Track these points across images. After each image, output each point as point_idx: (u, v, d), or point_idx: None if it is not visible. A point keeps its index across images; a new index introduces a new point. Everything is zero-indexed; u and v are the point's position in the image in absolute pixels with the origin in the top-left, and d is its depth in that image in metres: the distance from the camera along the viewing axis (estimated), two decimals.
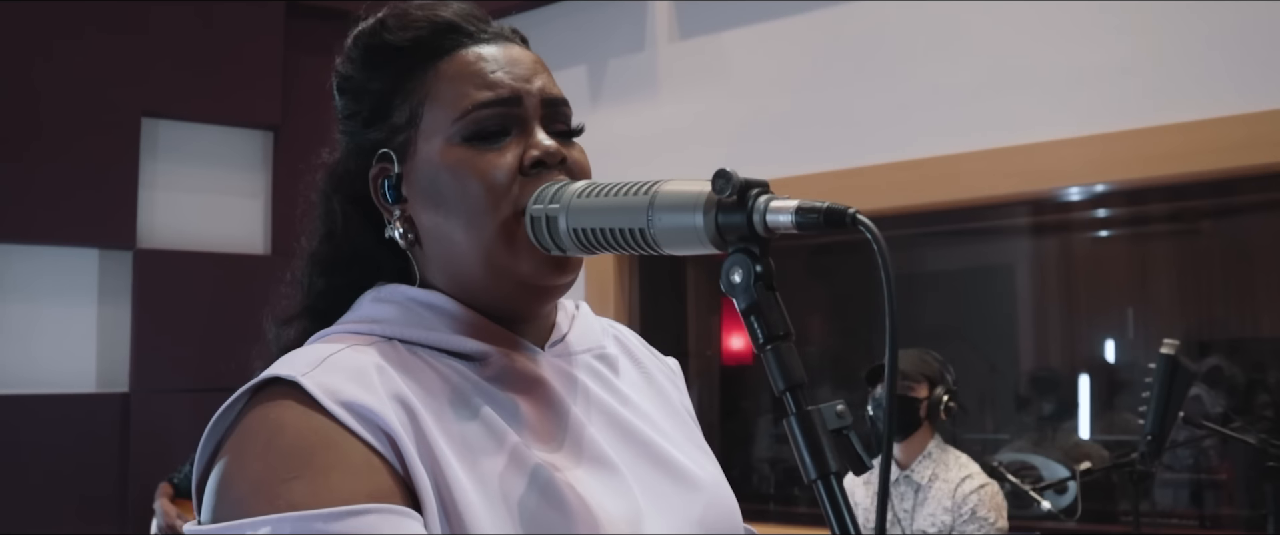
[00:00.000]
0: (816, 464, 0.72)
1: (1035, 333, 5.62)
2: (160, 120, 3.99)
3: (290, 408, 0.79)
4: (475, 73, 0.90)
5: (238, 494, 0.77)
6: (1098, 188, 3.23)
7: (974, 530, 2.81)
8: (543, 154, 0.88)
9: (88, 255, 3.90)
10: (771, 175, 3.03)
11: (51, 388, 3.76)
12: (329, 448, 0.77)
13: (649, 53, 3.93)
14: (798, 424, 0.73)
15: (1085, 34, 3.03)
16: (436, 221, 0.89)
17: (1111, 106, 2.96)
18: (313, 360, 0.82)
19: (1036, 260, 5.62)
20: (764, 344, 0.76)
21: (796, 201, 0.75)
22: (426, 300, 0.91)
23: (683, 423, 1.03)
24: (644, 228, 0.80)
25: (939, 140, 3.25)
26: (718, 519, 0.95)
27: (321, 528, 0.73)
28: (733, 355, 4.92)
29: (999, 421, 5.41)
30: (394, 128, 0.92)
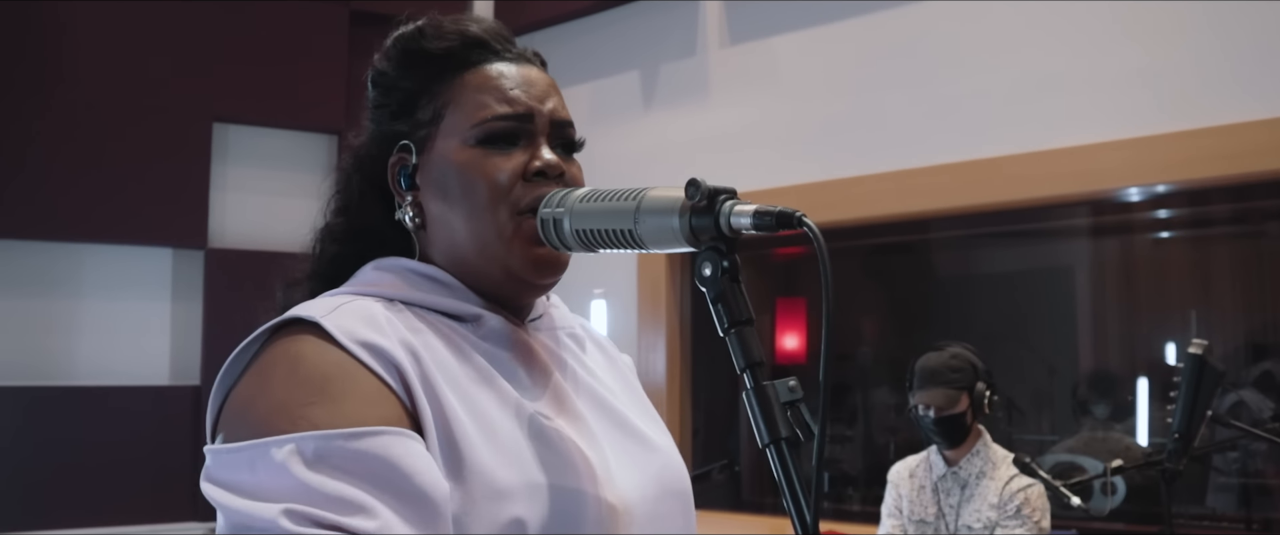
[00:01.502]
0: (769, 431, 0.83)
1: (1094, 335, 5.57)
2: (230, 126, 4.11)
3: (311, 343, 0.89)
4: (496, 87, 1.02)
5: (261, 414, 0.86)
6: (1159, 188, 3.18)
7: (1016, 525, 2.83)
8: (545, 166, 1.00)
9: (162, 254, 4.02)
10: (822, 178, 3.11)
11: (127, 380, 3.88)
12: (346, 378, 0.87)
13: (700, 57, 3.98)
14: (754, 397, 0.84)
15: (1147, 32, 2.99)
16: (443, 210, 1.01)
17: (1172, 106, 2.92)
18: (329, 307, 0.93)
19: (1096, 262, 5.56)
20: (728, 328, 0.87)
21: (755, 206, 0.85)
22: (424, 271, 1.02)
23: (640, 401, 1.14)
24: (631, 228, 0.91)
25: (993, 142, 3.23)
26: (672, 478, 1.05)
27: (341, 445, 0.82)
28: (786, 354, 4.95)
29: (1056, 423, 5.37)
30: (417, 123, 1.03)
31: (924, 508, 3.00)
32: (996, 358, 4.95)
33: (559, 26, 4.29)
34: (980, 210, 3.49)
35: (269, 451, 0.82)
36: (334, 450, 0.82)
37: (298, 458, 0.81)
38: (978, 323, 5.34)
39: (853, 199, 3.55)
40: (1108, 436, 3.81)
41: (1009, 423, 4.81)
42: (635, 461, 1.02)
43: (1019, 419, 4.93)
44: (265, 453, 0.82)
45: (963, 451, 2.96)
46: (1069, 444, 3.91)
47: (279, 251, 4.46)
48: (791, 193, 3.64)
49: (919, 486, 3.03)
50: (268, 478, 0.81)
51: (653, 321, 4.05)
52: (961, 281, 5.70)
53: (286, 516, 0.78)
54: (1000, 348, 5.31)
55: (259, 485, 0.82)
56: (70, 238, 3.85)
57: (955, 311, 5.68)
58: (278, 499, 0.80)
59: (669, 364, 4.02)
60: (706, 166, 3.88)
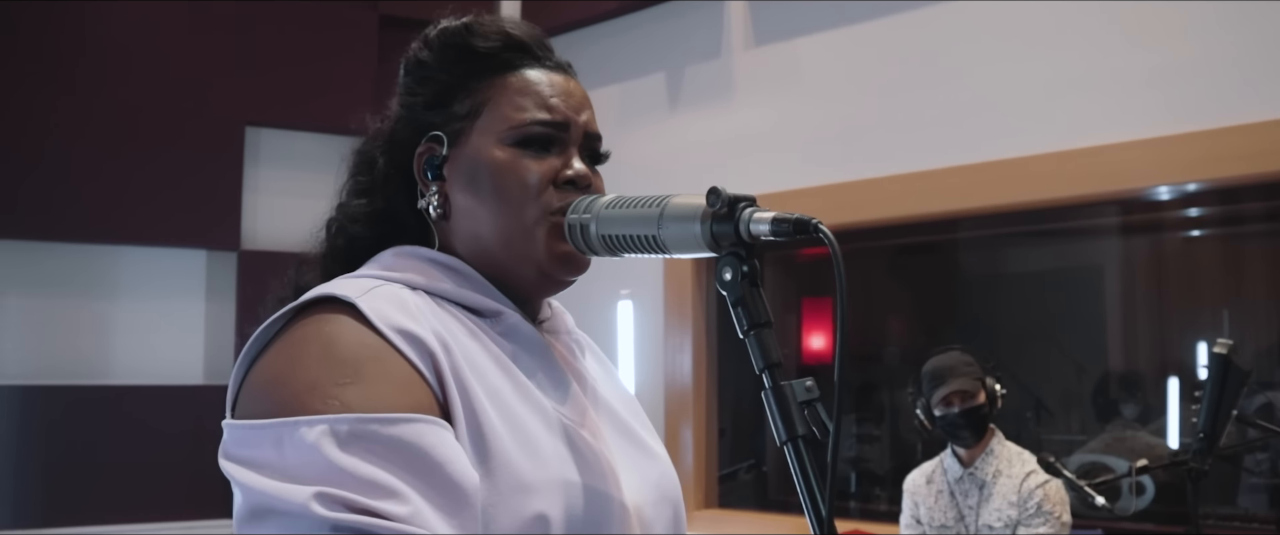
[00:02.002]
0: (787, 429, 0.86)
1: (1124, 335, 5.53)
2: (262, 129, 4.17)
3: (346, 323, 0.89)
4: (536, 93, 1.05)
5: (291, 391, 0.84)
6: (1189, 186, 3.16)
7: (1039, 523, 2.83)
8: (576, 175, 1.03)
9: (196, 256, 4.09)
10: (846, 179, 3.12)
11: (163, 379, 3.95)
12: (380, 361, 0.88)
13: (725, 59, 3.99)
14: (773, 397, 0.87)
15: (1174, 30, 2.97)
16: (471, 204, 1.03)
17: (1201, 104, 2.90)
18: (362, 288, 0.94)
19: (1126, 261, 5.52)
20: (748, 330, 0.90)
21: (774, 213, 0.88)
22: (444, 261, 1.04)
23: (636, 409, 1.16)
24: (655, 234, 0.94)
25: (1020, 141, 3.22)
26: (668, 485, 1.08)
27: (376, 429, 0.82)
28: (812, 355, 4.96)
29: (1085, 423, 5.34)
30: (452, 116, 1.05)
31: (943, 513, 3.00)
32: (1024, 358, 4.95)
33: (585, 29, 4.31)
34: (1007, 210, 3.48)
35: (299, 430, 0.81)
36: (368, 433, 0.81)
37: (330, 438, 0.80)
38: (1005, 323, 5.32)
39: (877, 199, 3.55)
40: (1134, 436, 3.79)
41: (1037, 423, 4.79)
42: (637, 467, 1.04)
43: (1047, 420, 4.91)
44: (294, 431, 0.81)
45: (978, 451, 2.97)
46: (1095, 444, 3.89)
47: None
48: (816, 193, 3.65)
49: (937, 492, 3.04)
50: (296, 457, 0.80)
51: (679, 323, 4.07)
52: (989, 281, 5.68)
53: (318, 500, 0.77)
54: (1028, 348, 5.29)
55: (286, 464, 0.80)
56: (106, 240, 3.92)
57: (982, 311, 5.66)
58: (308, 480, 0.79)
59: (695, 365, 4.04)
60: (731, 167, 3.90)
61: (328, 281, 0.99)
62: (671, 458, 1.19)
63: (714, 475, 4.11)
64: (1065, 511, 2.85)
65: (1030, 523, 2.84)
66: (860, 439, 5.15)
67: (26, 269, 3.83)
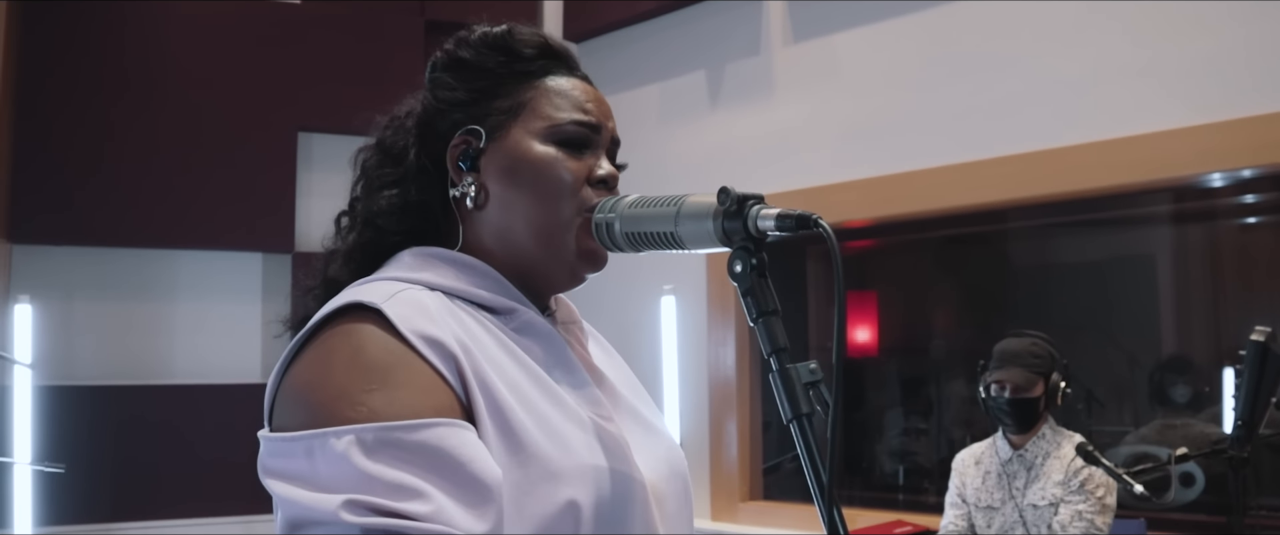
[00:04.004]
0: (792, 407, 0.92)
1: (1177, 323, 5.46)
2: (314, 134, 4.26)
3: (371, 331, 0.95)
4: (574, 98, 1.13)
5: (323, 397, 0.90)
6: (1244, 173, 3.12)
7: (1078, 499, 2.83)
8: (608, 175, 1.11)
9: (252, 258, 4.19)
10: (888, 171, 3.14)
11: (221, 379, 4.05)
12: (405, 367, 0.93)
13: (764, 56, 4.02)
14: (779, 378, 0.94)
15: (1224, 15, 2.95)
16: (509, 195, 1.09)
17: (1255, 89, 2.88)
18: (386, 293, 0.99)
19: (1179, 249, 5.44)
20: (756, 318, 0.97)
21: (778, 210, 0.95)
22: (462, 261, 1.09)
23: (638, 388, 1.23)
24: (673, 231, 1.02)
25: (1068, 130, 3.21)
26: (677, 461, 1.15)
27: (400, 436, 0.87)
28: (856, 348, 4.96)
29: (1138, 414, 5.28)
30: (492, 110, 1.12)
31: (990, 493, 3.01)
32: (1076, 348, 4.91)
33: (626, 29, 4.36)
34: (1057, 199, 3.46)
35: (328, 441, 0.86)
36: (393, 441, 0.86)
37: (358, 447, 0.85)
38: (1056, 313, 5.28)
39: (919, 192, 3.56)
40: (1184, 426, 3.76)
41: (1088, 415, 4.76)
42: (648, 446, 1.11)
43: (1099, 411, 4.87)
44: (325, 442, 0.86)
45: (1029, 436, 2.98)
46: (1143, 432, 3.87)
47: None
48: (856, 187, 3.67)
49: (985, 472, 3.05)
50: (326, 467, 0.86)
51: (722, 318, 4.11)
52: (1038, 272, 5.63)
53: (346, 508, 0.82)
54: (1079, 338, 5.24)
55: (318, 475, 0.86)
56: (166, 244, 4.04)
57: (1032, 302, 5.61)
58: (337, 489, 0.84)
59: (738, 359, 4.08)
60: (773, 163, 3.92)
61: (356, 281, 1.06)
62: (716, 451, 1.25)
63: (758, 468, 4.14)
64: (1110, 494, 2.84)
65: (1071, 499, 2.84)
66: (907, 432, 5.14)
67: (90, 274, 3.96)
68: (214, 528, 3.92)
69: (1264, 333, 2.20)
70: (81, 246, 3.94)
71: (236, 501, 3.93)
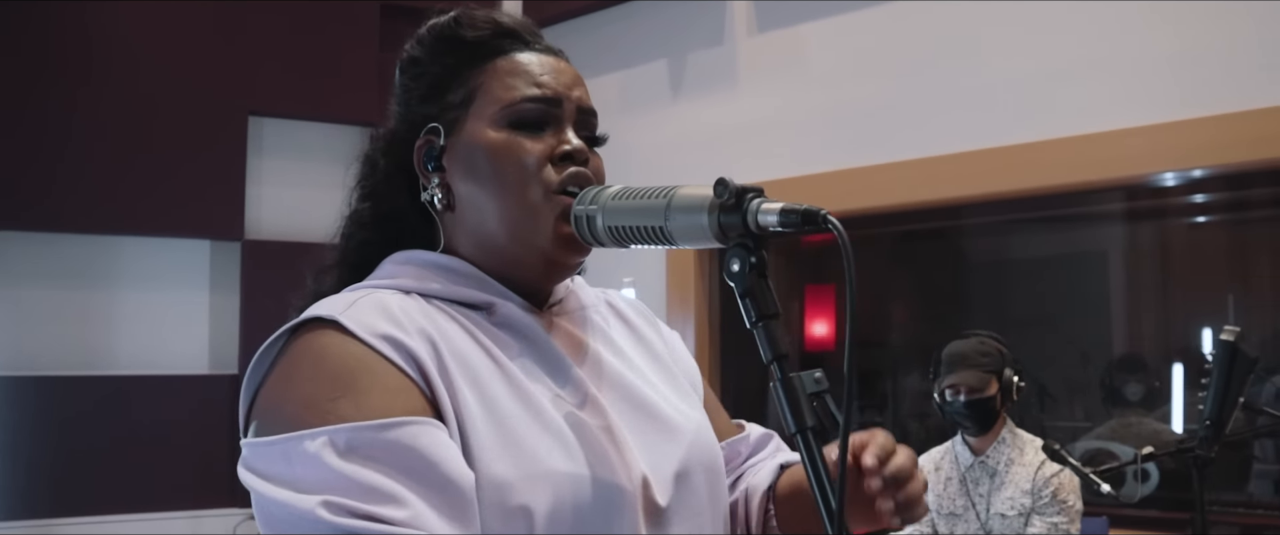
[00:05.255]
0: (796, 420, 0.86)
1: (1128, 320, 5.53)
2: (265, 119, 4.16)
3: (332, 338, 0.92)
4: (526, 72, 1.05)
5: (290, 411, 0.89)
6: (1195, 172, 3.14)
7: (1053, 512, 2.82)
8: (573, 150, 1.03)
9: (200, 246, 4.09)
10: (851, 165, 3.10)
11: (167, 369, 3.95)
12: (369, 371, 0.90)
13: (728, 46, 3.98)
14: (782, 388, 0.86)
15: (1182, 15, 2.95)
16: (472, 190, 1.03)
17: (1208, 89, 2.88)
18: (345, 303, 0.96)
19: (1131, 247, 5.51)
20: (756, 322, 0.89)
21: (781, 204, 0.87)
22: (440, 262, 1.04)
23: (670, 377, 1.15)
24: (662, 225, 0.94)
25: (1026, 127, 3.21)
26: (697, 453, 1.07)
27: (372, 436, 0.85)
28: (815, 341, 4.96)
29: (1089, 410, 5.34)
30: (447, 106, 1.06)
31: (952, 500, 2.99)
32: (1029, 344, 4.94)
33: (587, 17, 4.30)
34: (1012, 196, 3.47)
35: (302, 443, 0.85)
36: (365, 441, 0.85)
37: (331, 449, 0.84)
38: (1010, 309, 5.32)
39: (882, 186, 3.54)
40: (1139, 423, 3.79)
41: (1041, 410, 4.80)
42: (651, 444, 1.03)
43: (1051, 406, 4.91)
44: (299, 445, 0.85)
45: (989, 440, 2.95)
46: (1100, 431, 3.89)
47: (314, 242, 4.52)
48: (820, 180, 3.64)
49: (946, 478, 3.02)
50: (303, 469, 0.85)
51: (681, 312, 4.07)
52: (994, 267, 5.67)
53: (325, 508, 0.82)
54: (1032, 334, 5.29)
55: (295, 476, 0.85)
56: (110, 230, 3.92)
57: (987, 298, 5.65)
58: (315, 490, 0.83)
59: (697, 354, 4.04)
60: (734, 155, 3.89)
61: (337, 292, 1.03)
62: None
63: None
64: (1078, 500, 2.84)
65: (1044, 512, 2.82)
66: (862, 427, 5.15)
67: (31, 260, 3.83)
68: (159, 524, 3.81)
69: (1233, 332, 2.20)
70: (20, 231, 3.81)
71: (183, 496, 3.85)
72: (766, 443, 1.23)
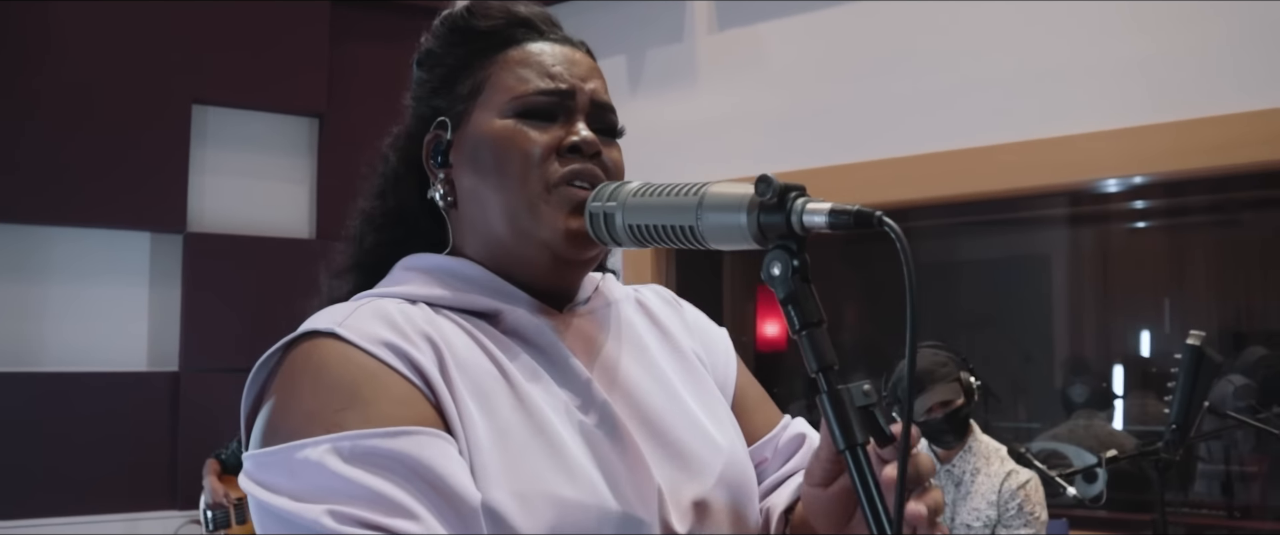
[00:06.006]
0: (845, 436, 0.80)
1: (1070, 323, 5.62)
2: (209, 107, 4.05)
3: (332, 349, 0.86)
4: (537, 63, 0.99)
5: (293, 425, 0.83)
6: (1135, 179, 3.21)
7: (1020, 525, 2.81)
8: (582, 142, 0.96)
9: (140, 238, 3.96)
10: (809, 165, 3.09)
11: (104, 366, 3.83)
12: (373, 381, 0.84)
13: (687, 43, 3.95)
14: (829, 401, 0.81)
15: (1125, 25, 3.02)
16: (474, 184, 0.98)
17: (1150, 99, 2.95)
18: (343, 313, 0.90)
19: (1073, 251, 5.61)
20: (799, 329, 0.83)
21: (830, 204, 0.81)
22: (449, 267, 0.98)
23: (699, 383, 1.07)
24: (692, 225, 0.87)
25: (976, 131, 3.24)
26: (723, 468, 0.99)
27: (376, 443, 0.80)
28: (767, 341, 4.96)
29: (1032, 410, 5.41)
30: (455, 97, 1.00)
31: None
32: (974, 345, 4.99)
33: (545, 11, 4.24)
34: (960, 200, 3.51)
35: (304, 451, 0.81)
36: (370, 448, 0.80)
37: (335, 455, 0.80)
38: (957, 310, 5.38)
39: (837, 187, 3.54)
40: (1091, 425, 3.84)
41: (986, 410, 4.85)
42: (670, 465, 0.96)
43: (996, 406, 4.96)
44: (300, 452, 0.81)
45: (956, 448, 2.94)
46: (1055, 432, 3.94)
47: (259, 236, 4.42)
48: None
49: None
50: (306, 477, 0.80)
51: None
52: (940, 269, 5.73)
53: (330, 517, 0.77)
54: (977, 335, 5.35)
55: (298, 486, 0.80)
56: (45, 221, 3.78)
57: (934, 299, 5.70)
58: (319, 499, 0.78)
59: None
60: (691, 153, 3.86)
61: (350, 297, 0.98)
62: None
63: None
64: (1044, 510, 2.84)
65: (1011, 524, 2.81)
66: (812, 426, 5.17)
67: None
68: (95, 527, 3.68)
69: (1199, 337, 2.22)
70: None
71: (120, 499, 3.73)
72: (798, 447, 1.14)
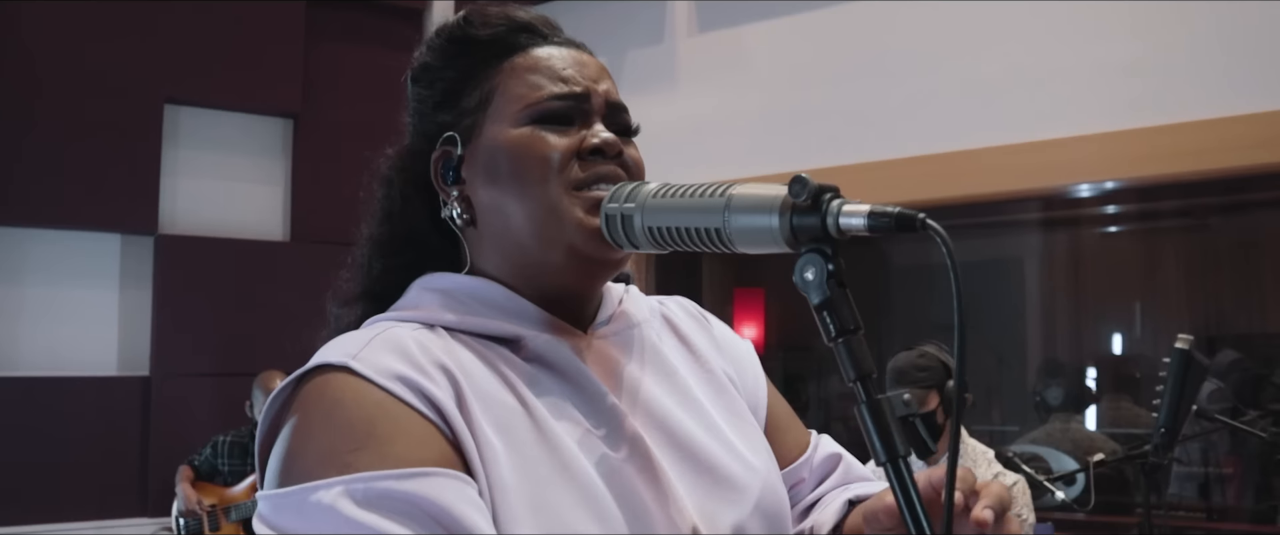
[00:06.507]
0: (886, 448, 0.76)
1: (1043, 326, 5.66)
2: (182, 107, 3.99)
3: (345, 384, 0.82)
4: (548, 68, 0.95)
5: (305, 465, 0.79)
6: (1108, 184, 3.25)
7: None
8: (602, 143, 0.93)
9: (110, 240, 3.90)
10: (787, 169, 3.07)
11: (73, 371, 3.77)
12: (388, 418, 0.80)
13: (668, 45, 3.95)
14: (868, 411, 0.77)
15: (1098, 33, 3.05)
16: (492, 196, 0.93)
17: (1123, 104, 2.99)
18: (357, 344, 0.85)
19: (1046, 255, 5.65)
20: (835, 337, 0.80)
21: (868, 205, 0.78)
22: (469, 288, 0.94)
23: (730, 405, 1.03)
24: (720, 227, 0.84)
25: (952, 136, 3.27)
26: (762, 499, 0.96)
27: (392, 485, 0.76)
28: None
29: (1006, 414, 5.44)
30: (463, 112, 0.96)
31: None
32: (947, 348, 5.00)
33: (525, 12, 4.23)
34: (935, 203, 3.52)
35: (316, 493, 0.77)
36: (384, 491, 0.76)
37: (348, 499, 0.76)
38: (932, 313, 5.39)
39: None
40: (1068, 428, 3.86)
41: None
42: (703, 493, 0.93)
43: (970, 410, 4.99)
44: (313, 495, 0.77)
45: (939, 453, 2.94)
46: (1033, 436, 3.95)
47: (233, 238, 4.35)
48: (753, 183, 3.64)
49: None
50: (319, 521, 0.76)
51: None
52: (915, 272, 5.75)
53: None
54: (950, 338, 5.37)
55: (312, 530, 0.77)
56: (13, 222, 3.73)
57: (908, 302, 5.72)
58: None
59: None
60: (672, 155, 3.84)
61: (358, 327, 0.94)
62: None
63: None
64: (1031, 514, 2.85)
65: None
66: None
67: None
68: (65, 534, 3.63)
69: (1187, 340, 2.22)
70: None
71: (89, 506, 3.67)
72: (833, 467, 1.11)
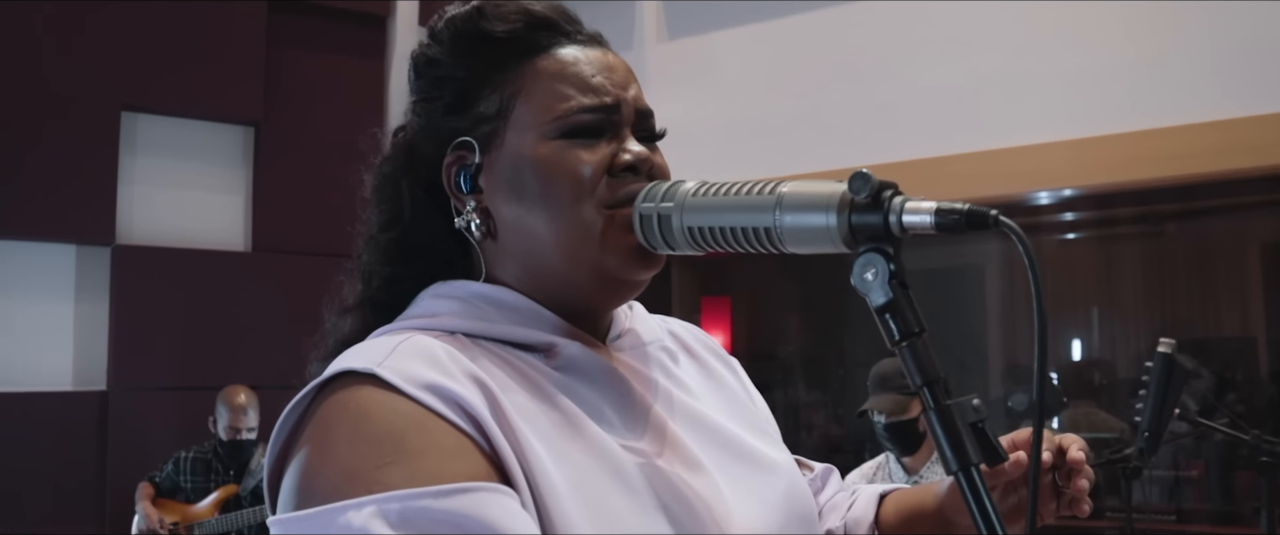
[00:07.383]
0: (958, 456, 0.73)
1: (1004, 332, 5.72)
2: (140, 114, 3.92)
3: (371, 395, 0.77)
4: (575, 75, 0.90)
5: (330, 483, 0.73)
6: (1066, 191, 3.32)
7: None
8: (635, 159, 0.88)
9: (65, 251, 3.83)
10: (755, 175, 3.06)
11: (27, 386, 3.68)
12: (419, 431, 0.75)
13: (636, 52, 3.94)
14: (937, 418, 0.74)
15: (1057, 43, 3.11)
16: (518, 214, 0.88)
17: (1081, 113, 3.04)
18: (383, 350, 0.80)
19: (1006, 261, 5.70)
20: (899, 340, 0.76)
21: (934, 202, 0.74)
22: (489, 294, 0.90)
23: (749, 415, 1.02)
24: (770, 226, 0.80)
25: (916, 143, 3.31)
26: (797, 499, 0.95)
27: (430, 504, 0.70)
28: None
29: None
30: (479, 117, 0.91)
31: None
32: None
33: None
34: None
35: (345, 514, 0.70)
36: (422, 510, 0.70)
37: (381, 520, 0.70)
38: None
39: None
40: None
41: None
42: (752, 489, 0.91)
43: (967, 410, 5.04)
44: (341, 516, 0.71)
45: (921, 459, 2.93)
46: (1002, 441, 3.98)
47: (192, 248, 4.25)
48: None
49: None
50: None
51: None
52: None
53: None
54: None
55: None
56: None
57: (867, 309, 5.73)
58: None
59: None
60: None
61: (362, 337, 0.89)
62: None
63: None
64: None
65: None
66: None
67: None
68: None
69: (1170, 344, 2.23)
70: None
71: (45, 523, 3.59)
72: (829, 477, 1.13)
